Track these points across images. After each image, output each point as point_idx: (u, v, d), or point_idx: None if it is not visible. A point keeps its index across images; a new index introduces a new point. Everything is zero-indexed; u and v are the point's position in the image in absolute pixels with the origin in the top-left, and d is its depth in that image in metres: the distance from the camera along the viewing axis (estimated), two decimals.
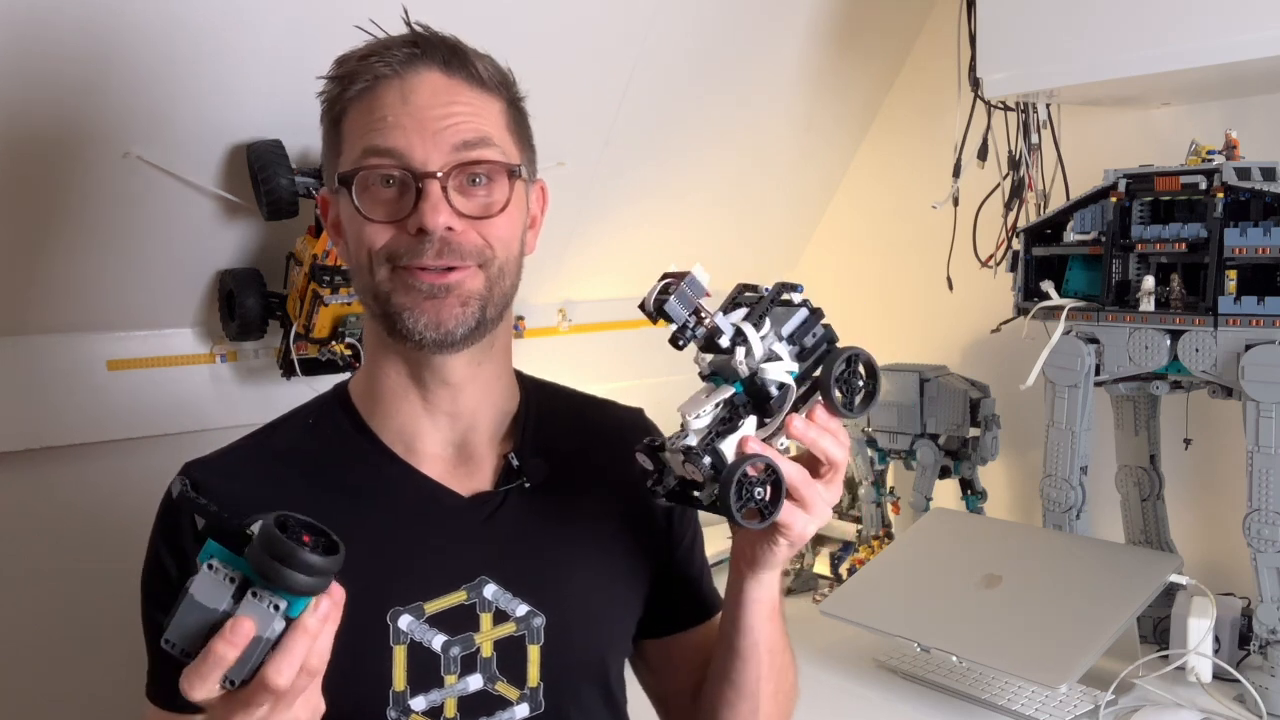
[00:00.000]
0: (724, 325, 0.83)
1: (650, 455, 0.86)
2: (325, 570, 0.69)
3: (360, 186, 0.90)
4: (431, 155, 0.89)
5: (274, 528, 0.68)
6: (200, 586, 0.69)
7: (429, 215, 0.88)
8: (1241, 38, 1.30)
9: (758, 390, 0.84)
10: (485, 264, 0.92)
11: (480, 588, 0.94)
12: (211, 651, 0.67)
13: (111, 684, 1.35)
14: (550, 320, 1.91)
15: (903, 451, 1.82)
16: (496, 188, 0.93)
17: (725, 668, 1.01)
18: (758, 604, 0.97)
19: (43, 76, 1.20)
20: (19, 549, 1.39)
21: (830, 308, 0.89)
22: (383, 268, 0.91)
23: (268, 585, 0.68)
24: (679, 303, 0.82)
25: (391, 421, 0.98)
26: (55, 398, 1.40)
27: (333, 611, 0.71)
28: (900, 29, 2.02)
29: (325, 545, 0.70)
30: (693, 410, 0.83)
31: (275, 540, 0.67)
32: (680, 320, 0.82)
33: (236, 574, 0.69)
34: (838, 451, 0.87)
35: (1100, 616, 1.33)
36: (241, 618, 0.68)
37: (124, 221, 1.35)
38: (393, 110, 0.89)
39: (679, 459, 0.84)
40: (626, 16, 1.61)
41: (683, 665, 1.10)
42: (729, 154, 1.96)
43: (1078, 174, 1.69)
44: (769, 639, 0.99)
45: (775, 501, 0.84)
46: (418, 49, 0.91)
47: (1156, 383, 1.48)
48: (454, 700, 0.92)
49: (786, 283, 0.87)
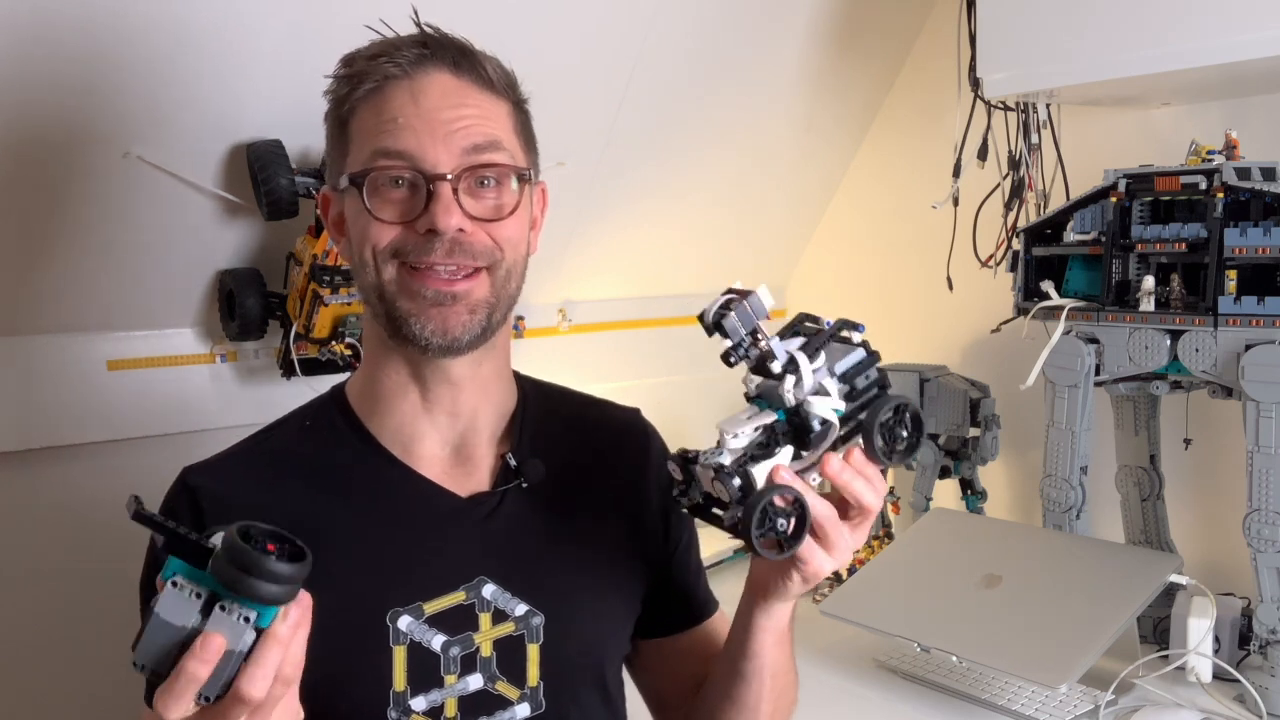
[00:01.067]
0: (778, 350, 0.82)
1: (681, 465, 0.86)
2: (293, 578, 0.68)
3: (371, 187, 0.90)
4: (442, 157, 0.89)
5: (237, 538, 0.67)
6: (166, 605, 0.68)
7: (441, 217, 0.88)
8: (1241, 38, 1.30)
9: (800, 421, 0.84)
10: (493, 266, 0.92)
11: (479, 587, 0.94)
12: (183, 670, 0.66)
13: (111, 684, 1.35)
14: (550, 320, 1.91)
15: None
16: (505, 190, 0.93)
17: (727, 686, 1.00)
18: (765, 631, 0.96)
19: (43, 77, 1.20)
20: (18, 549, 1.39)
21: (830, 308, 0.89)
22: (389, 265, 0.91)
23: (235, 597, 0.67)
24: (739, 320, 0.81)
25: (390, 421, 0.98)
26: (55, 398, 1.40)
27: (303, 618, 0.70)
28: (900, 29, 2.02)
29: (291, 553, 0.69)
30: (732, 429, 0.83)
31: (240, 551, 0.66)
32: (736, 338, 0.82)
33: (203, 589, 0.68)
34: (871, 497, 0.86)
35: (1100, 616, 1.33)
36: (211, 633, 0.67)
37: (124, 221, 1.35)
38: (403, 112, 0.89)
39: (709, 474, 0.83)
40: (626, 16, 1.61)
41: (677, 667, 1.10)
42: (729, 154, 1.96)
43: (1078, 174, 1.69)
44: (774, 664, 0.99)
45: (797, 535, 0.83)
46: (427, 50, 0.91)
47: (1156, 383, 1.48)
48: (454, 700, 0.92)
49: (848, 320, 0.86)
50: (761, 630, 0.96)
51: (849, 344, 0.86)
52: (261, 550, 0.67)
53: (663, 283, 2.08)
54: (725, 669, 1.01)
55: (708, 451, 0.84)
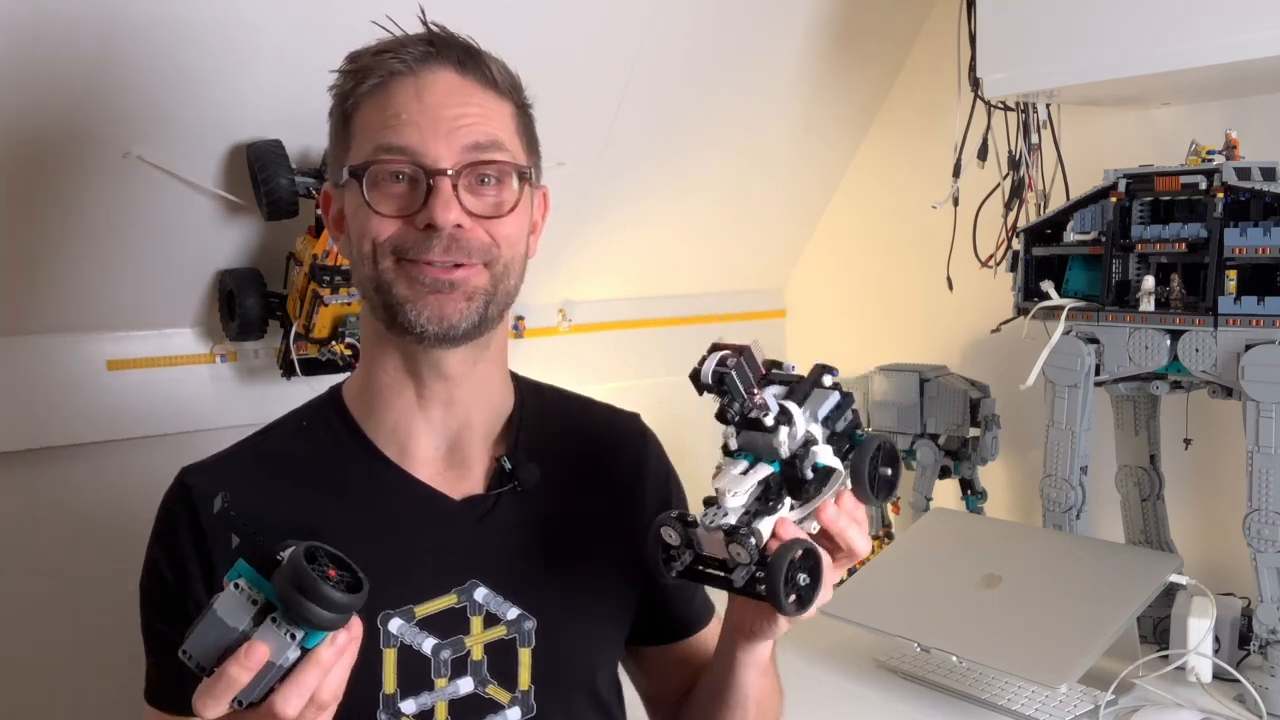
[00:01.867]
0: (771, 403, 0.81)
1: (680, 528, 0.84)
2: (346, 607, 0.69)
3: (371, 181, 0.90)
4: (443, 153, 0.89)
5: (302, 558, 0.68)
6: (224, 604, 0.70)
7: (440, 211, 0.88)
8: (1241, 38, 1.30)
9: (792, 473, 0.83)
10: (491, 262, 0.92)
11: (471, 591, 0.94)
12: (225, 673, 0.68)
13: (111, 683, 1.35)
14: (550, 320, 1.91)
15: (903, 451, 1.82)
16: (506, 188, 0.93)
17: (711, 711, 1.01)
18: (749, 668, 0.97)
19: (43, 76, 1.20)
20: (18, 549, 1.39)
21: (830, 308, 0.89)
22: (387, 259, 0.91)
23: (287, 614, 0.69)
24: (738, 379, 0.80)
25: (385, 420, 0.97)
26: (55, 398, 1.40)
27: (350, 646, 0.72)
28: (900, 29, 2.02)
29: (349, 583, 0.70)
30: (731, 488, 0.81)
31: (301, 571, 0.68)
32: (740, 397, 0.81)
33: (260, 596, 0.70)
34: (863, 542, 0.87)
35: (1100, 616, 1.33)
36: (257, 642, 0.69)
37: (124, 221, 1.35)
38: (407, 108, 0.89)
39: (716, 538, 0.82)
40: (626, 17, 1.61)
41: (671, 674, 1.10)
42: (729, 154, 1.96)
43: (1078, 174, 1.69)
44: (759, 692, 0.99)
45: (814, 587, 0.83)
46: (433, 48, 0.91)
47: (1156, 383, 1.48)
48: (445, 703, 0.92)
49: (825, 365, 0.85)
50: (745, 667, 0.96)
51: (824, 388, 0.85)
52: (322, 574, 0.68)
53: (662, 283, 2.08)
54: (710, 694, 1.01)
55: (708, 514, 0.82)
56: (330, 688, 0.71)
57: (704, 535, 0.83)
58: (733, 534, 0.80)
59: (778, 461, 0.82)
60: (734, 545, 0.81)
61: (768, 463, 0.82)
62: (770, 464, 0.82)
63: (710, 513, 0.82)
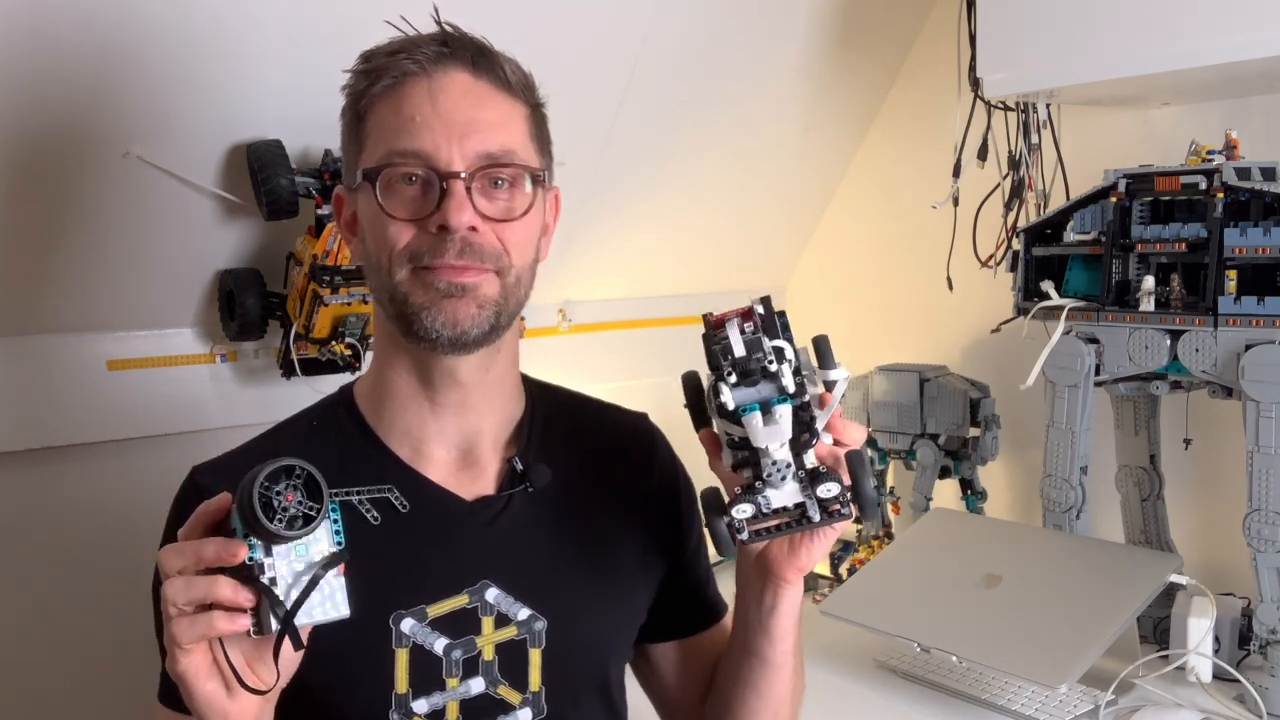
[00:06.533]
0: (766, 347, 0.83)
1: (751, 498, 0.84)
2: (264, 530, 0.75)
3: (384, 184, 0.90)
4: (456, 156, 0.89)
5: (258, 475, 0.75)
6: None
7: (453, 213, 0.88)
8: (1241, 38, 1.30)
9: (800, 399, 0.84)
10: (502, 271, 0.92)
11: (482, 591, 0.94)
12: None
13: (112, 683, 1.36)
14: (550, 320, 1.91)
15: (903, 451, 1.82)
16: (519, 192, 0.93)
17: (751, 676, 1.00)
18: (787, 615, 0.96)
19: (43, 76, 1.20)
20: (19, 549, 1.39)
21: (830, 308, 0.90)
22: (403, 269, 0.90)
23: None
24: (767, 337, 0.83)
25: (397, 423, 0.97)
26: (55, 398, 1.40)
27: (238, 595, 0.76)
28: (900, 29, 2.02)
29: (298, 516, 0.76)
30: (773, 440, 0.82)
31: (248, 483, 0.75)
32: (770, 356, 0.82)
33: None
34: (860, 432, 0.89)
35: (1100, 616, 1.33)
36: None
37: (124, 221, 1.35)
38: (421, 111, 0.89)
39: (789, 489, 0.83)
40: (626, 18, 1.61)
41: (690, 669, 1.10)
42: (729, 154, 1.96)
43: (1078, 174, 1.69)
44: (796, 643, 0.99)
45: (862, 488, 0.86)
46: (446, 48, 0.91)
47: (1156, 383, 1.48)
48: (456, 703, 0.92)
49: (764, 297, 0.86)
50: (785, 615, 0.95)
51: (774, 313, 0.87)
52: (272, 493, 0.75)
53: (663, 283, 2.08)
54: (749, 661, 1.00)
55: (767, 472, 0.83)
56: (194, 590, 0.75)
57: (775, 494, 0.84)
58: (815, 475, 0.83)
59: (788, 397, 0.83)
60: (823, 485, 0.83)
61: (779, 403, 0.83)
62: (782, 402, 0.83)
63: (768, 469, 0.83)
